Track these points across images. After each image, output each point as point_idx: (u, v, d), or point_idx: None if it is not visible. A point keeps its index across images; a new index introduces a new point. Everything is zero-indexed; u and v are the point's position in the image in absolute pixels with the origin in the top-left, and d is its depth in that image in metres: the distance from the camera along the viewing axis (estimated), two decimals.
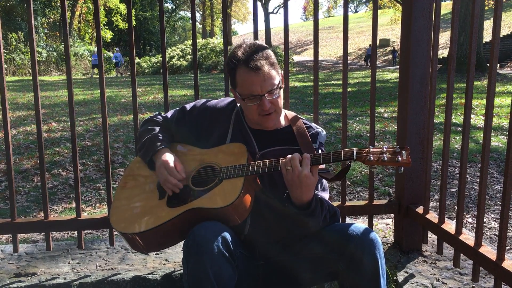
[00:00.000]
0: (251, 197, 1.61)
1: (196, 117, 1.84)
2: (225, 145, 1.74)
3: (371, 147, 1.52)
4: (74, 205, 4.20)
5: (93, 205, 4.35)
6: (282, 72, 1.81)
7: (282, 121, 1.82)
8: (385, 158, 1.46)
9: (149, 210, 1.66)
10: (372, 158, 1.47)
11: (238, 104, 1.83)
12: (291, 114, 1.85)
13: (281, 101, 1.71)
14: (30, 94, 12.08)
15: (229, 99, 1.89)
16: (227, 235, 1.48)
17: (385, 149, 1.48)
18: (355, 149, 1.52)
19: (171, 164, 1.69)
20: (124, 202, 1.75)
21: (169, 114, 1.92)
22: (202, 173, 1.70)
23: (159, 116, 1.93)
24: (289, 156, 1.55)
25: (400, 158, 1.44)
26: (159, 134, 1.81)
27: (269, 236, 1.72)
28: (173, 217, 1.58)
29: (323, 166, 1.64)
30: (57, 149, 6.19)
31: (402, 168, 1.47)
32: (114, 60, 27.38)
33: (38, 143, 2.28)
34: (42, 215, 2.37)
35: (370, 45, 32.74)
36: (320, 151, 1.75)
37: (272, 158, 1.61)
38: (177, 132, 1.87)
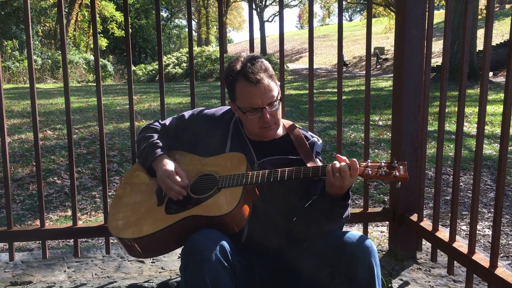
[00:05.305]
0: (249, 207, 1.63)
1: (195, 125, 1.85)
2: (225, 154, 1.76)
3: (369, 161, 1.55)
4: (69, 213, 4.18)
5: (89, 213, 4.33)
6: (279, 83, 1.83)
7: (280, 130, 1.83)
8: (383, 172, 1.50)
9: (147, 216, 1.67)
10: (370, 172, 1.51)
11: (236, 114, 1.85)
12: (288, 123, 1.86)
13: (280, 112, 1.73)
14: (25, 102, 12.05)
15: (227, 107, 1.90)
16: (225, 243, 1.49)
17: (383, 164, 1.52)
18: None
19: (173, 171, 1.70)
20: (122, 208, 1.76)
21: (167, 121, 1.93)
22: (201, 181, 1.71)
23: (157, 123, 1.94)
24: (337, 164, 1.53)
25: (397, 173, 1.49)
26: (158, 141, 1.82)
27: (266, 244, 1.73)
28: (171, 224, 1.59)
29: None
30: (52, 157, 6.17)
31: (400, 183, 1.51)
32: None
33: (35, 152, 2.29)
34: (37, 223, 2.37)
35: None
36: (318, 160, 1.77)
37: (271, 167, 1.63)
38: (176, 140, 1.88)
